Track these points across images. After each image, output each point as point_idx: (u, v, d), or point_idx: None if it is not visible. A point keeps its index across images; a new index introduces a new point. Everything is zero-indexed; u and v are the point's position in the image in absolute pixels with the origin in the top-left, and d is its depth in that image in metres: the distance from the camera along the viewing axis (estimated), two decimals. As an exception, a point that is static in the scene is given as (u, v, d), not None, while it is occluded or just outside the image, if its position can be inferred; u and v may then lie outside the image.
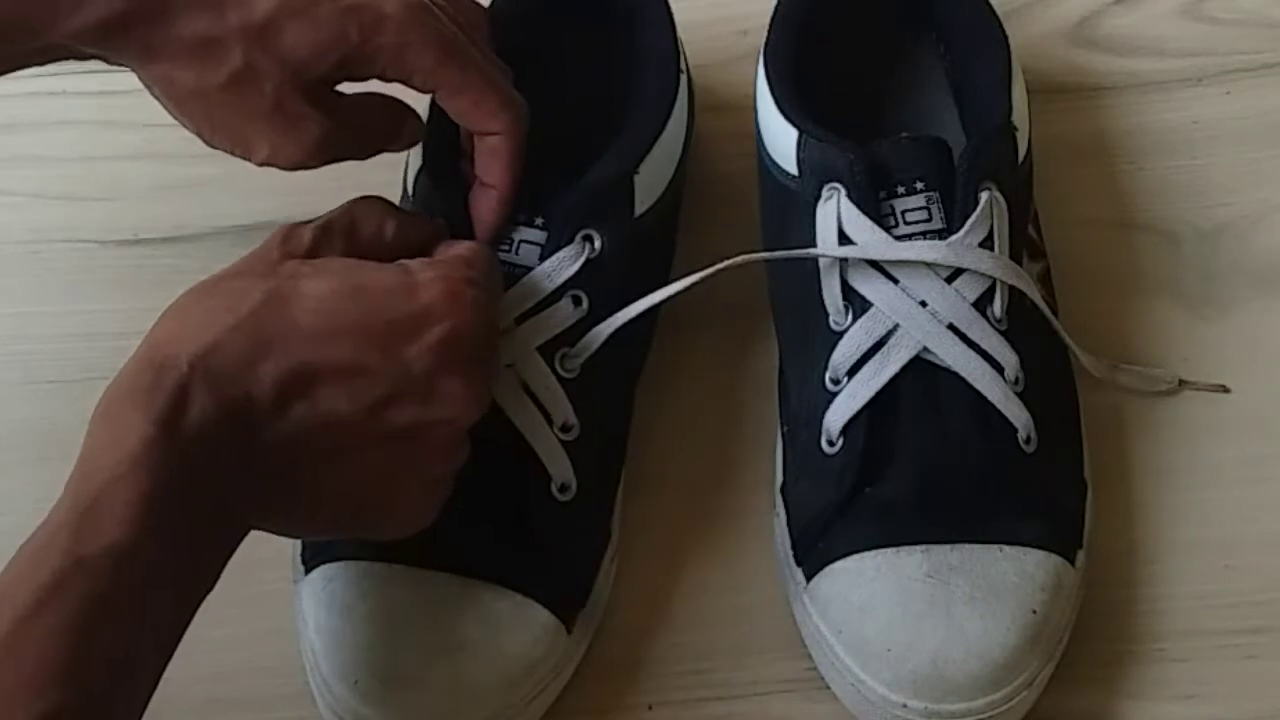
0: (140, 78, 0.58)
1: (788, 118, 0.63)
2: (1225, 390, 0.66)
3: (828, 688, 0.60)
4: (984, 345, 0.60)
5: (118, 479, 0.48)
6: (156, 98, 0.58)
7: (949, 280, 0.60)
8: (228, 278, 0.54)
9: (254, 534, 0.64)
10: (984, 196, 0.60)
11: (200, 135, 0.59)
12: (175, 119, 0.59)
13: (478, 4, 0.65)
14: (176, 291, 0.70)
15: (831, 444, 0.60)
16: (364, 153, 0.61)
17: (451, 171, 0.62)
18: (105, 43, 0.56)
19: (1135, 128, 0.73)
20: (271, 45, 0.56)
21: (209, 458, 0.50)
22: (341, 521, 0.55)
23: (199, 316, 0.52)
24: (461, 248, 0.58)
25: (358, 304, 0.53)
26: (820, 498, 0.60)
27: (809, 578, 0.60)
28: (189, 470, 0.49)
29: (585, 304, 0.60)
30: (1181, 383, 0.66)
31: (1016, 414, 0.60)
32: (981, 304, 0.60)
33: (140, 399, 0.50)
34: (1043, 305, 0.62)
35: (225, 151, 0.59)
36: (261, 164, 0.59)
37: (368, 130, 0.61)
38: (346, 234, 0.57)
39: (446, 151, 0.62)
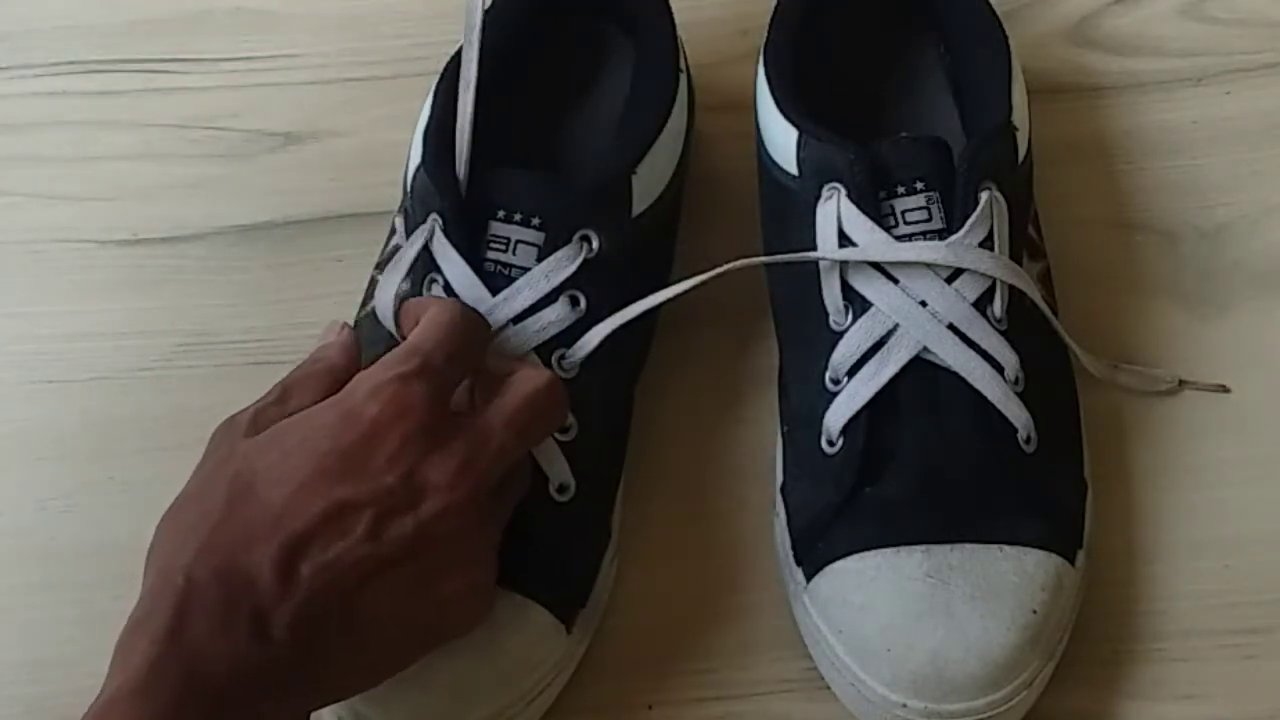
0: None
1: (788, 118, 0.63)
2: (1225, 390, 0.66)
3: (828, 688, 0.60)
4: (984, 345, 0.60)
5: (114, 703, 0.48)
6: None
7: (949, 280, 0.60)
8: (194, 488, 0.54)
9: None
10: (984, 196, 0.60)
11: None
12: None
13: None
14: (176, 291, 0.71)
15: (831, 444, 0.60)
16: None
17: (450, 169, 0.62)
18: None
19: (1135, 128, 0.73)
20: None
21: (222, 663, 0.50)
22: (406, 646, 0.55)
23: (181, 532, 0.53)
24: (397, 350, 0.56)
25: (308, 455, 0.53)
26: (820, 498, 0.60)
27: (809, 578, 0.60)
28: (198, 682, 0.49)
29: (583, 304, 0.60)
30: (1181, 383, 0.66)
31: (1016, 414, 0.60)
32: (981, 304, 0.60)
33: (141, 625, 0.50)
34: (1043, 305, 0.62)
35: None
36: None
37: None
38: (280, 402, 0.56)
39: (447, 148, 0.62)
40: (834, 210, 0.61)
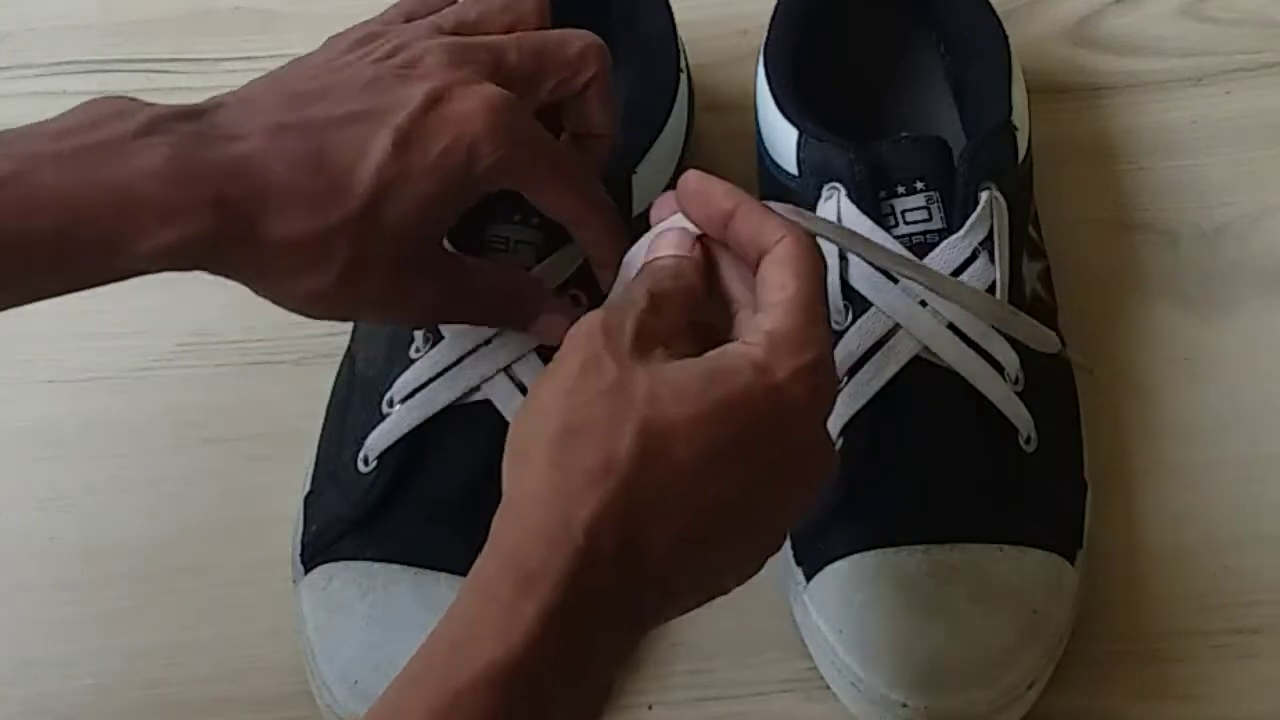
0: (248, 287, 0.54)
1: (788, 118, 0.63)
2: (1091, 373, 0.65)
3: (828, 688, 0.60)
4: (984, 345, 0.60)
5: (484, 686, 0.43)
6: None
7: (949, 280, 0.60)
8: (579, 403, 0.47)
9: (249, 533, 0.64)
10: (984, 196, 0.60)
11: (307, 316, 0.55)
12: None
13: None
14: (177, 291, 0.71)
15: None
16: (482, 322, 0.59)
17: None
18: (192, 262, 0.51)
19: (1135, 128, 0.73)
20: (374, 231, 0.52)
21: (593, 638, 0.46)
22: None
23: (575, 470, 0.46)
24: (795, 325, 0.49)
25: (729, 426, 0.47)
26: (820, 498, 0.60)
27: (809, 578, 0.60)
28: (572, 661, 0.45)
29: (584, 304, 0.60)
30: (1062, 349, 0.63)
31: (1016, 414, 0.60)
32: (981, 304, 0.60)
33: (528, 583, 0.44)
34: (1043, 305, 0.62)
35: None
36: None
37: (484, 304, 0.58)
38: (654, 311, 0.50)
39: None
40: (834, 210, 0.61)
